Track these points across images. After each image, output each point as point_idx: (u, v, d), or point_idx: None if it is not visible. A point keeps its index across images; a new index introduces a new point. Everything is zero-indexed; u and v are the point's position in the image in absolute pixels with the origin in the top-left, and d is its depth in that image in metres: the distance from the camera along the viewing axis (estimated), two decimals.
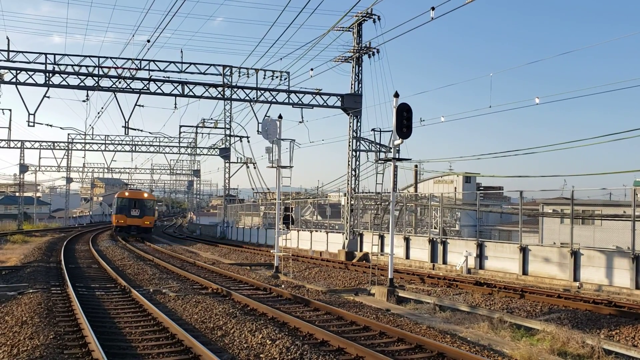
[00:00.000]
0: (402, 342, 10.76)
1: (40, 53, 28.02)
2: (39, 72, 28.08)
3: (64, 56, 28.55)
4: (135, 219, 45.93)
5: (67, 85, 28.42)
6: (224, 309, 13.16)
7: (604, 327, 13.38)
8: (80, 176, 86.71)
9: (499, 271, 24.08)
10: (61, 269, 21.25)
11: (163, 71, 29.64)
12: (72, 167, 76.05)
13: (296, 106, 32.09)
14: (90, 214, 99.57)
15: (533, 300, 16.77)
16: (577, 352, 11.08)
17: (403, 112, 17.57)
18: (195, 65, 30.01)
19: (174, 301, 14.74)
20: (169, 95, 30.13)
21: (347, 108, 33.67)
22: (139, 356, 9.46)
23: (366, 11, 33.63)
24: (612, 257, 20.59)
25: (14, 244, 36.47)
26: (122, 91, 29.44)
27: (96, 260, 25.77)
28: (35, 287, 16.48)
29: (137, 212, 46.24)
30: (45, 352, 9.09)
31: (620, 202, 42.30)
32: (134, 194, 48.47)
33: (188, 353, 9.53)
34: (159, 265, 23.63)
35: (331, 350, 9.95)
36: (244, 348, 9.92)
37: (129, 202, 46.45)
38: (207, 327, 11.63)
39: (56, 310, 13.04)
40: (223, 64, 30.52)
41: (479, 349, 10.58)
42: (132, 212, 46.04)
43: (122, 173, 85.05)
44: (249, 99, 31.41)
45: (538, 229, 44.09)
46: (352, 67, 34.58)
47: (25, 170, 68.61)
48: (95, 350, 9.25)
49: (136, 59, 29.12)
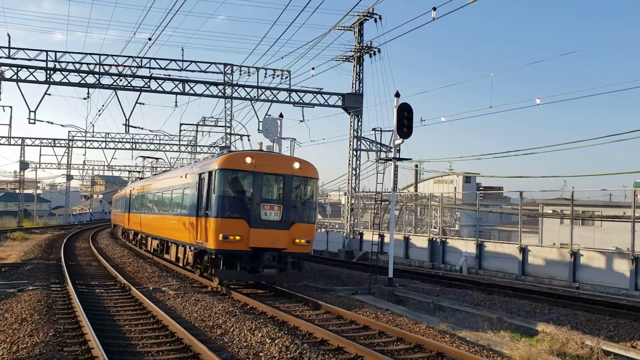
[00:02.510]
0: (401, 342, 10.77)
1: (41, 50, 28.01)
2: (40, 69, 28.07)
3: (65, 53, 28.56)
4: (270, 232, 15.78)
5: (68, 82, 28.42)
6: (224, 308, 13.16)
7: (603, 328, 13.38)
8: (80, 174, 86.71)
9: (499, 271, 24.09)
10: (61, 266, 21.25)
11: (164, 69, 29.63)
12: (73, 165, 76.03)
13: (297, 105, 32.09)
14: (91, 212, 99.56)
15: (532, 300, 16.77)
16: (576, 352, 11.08)
17: (404, 111, 17.59)
18: (196, 63, 30.00)
19: (174, 299, 14.76)
20: (170, 93, 30.13)
21: (348, 107, 33.67)
22: (139, 354, 9.46)
23: (367, 11, 33.64)
24: (611, 258, 20.60)
25: (14, 241, 36.44)
26: (123, 89, 29.44)
27: (96, 258, 25.77)
28: (35, 284, 16.48)
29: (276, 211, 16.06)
30: (44, 349, 9.10)
31: (620, 203, 42.29)
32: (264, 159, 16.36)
33: (187, 351, 9.54)
34: (159, 264, 23.64)
35: (331, 349, 9.96)
36: (243, 347, 9.93)
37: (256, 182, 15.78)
38: (206, 326, 11.64)
39: (56, 307, 13.04)
40: (224, 62, 30.52)
41: (478, 349, 10.59)
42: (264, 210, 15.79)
43: (122, 171, 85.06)
44: (249, 98, 31.40)
45: (538, 230, 44.10)
46: (353, 67, 34.59)
47: (26, 167, 68.58)
48: (94, 347, 9.25)
49: (137, 56, 29.13)
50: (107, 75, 28.98)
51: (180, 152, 60.76)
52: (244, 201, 15.47)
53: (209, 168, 16.20)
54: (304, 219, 16.13)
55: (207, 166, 16.61)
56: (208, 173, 16.04)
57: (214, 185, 15.52)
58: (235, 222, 15.20)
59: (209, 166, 16.39)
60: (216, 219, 15.19)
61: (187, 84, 30.02)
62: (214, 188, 15.50)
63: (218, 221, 15.14)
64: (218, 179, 15.45)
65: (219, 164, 15.61)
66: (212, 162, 16.38)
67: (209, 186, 15.83)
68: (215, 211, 15.25)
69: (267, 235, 15.38)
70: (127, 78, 29.23)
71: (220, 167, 15.53)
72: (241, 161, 15.55)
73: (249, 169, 15.53)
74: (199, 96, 30.62)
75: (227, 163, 15.62)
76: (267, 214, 15.56)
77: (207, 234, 15.55)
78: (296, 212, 15.93)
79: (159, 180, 25.54)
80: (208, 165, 16.60)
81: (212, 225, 15.28)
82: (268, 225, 15.44)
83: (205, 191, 16.11)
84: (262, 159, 15.89)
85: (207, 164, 16.97)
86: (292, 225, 15.76)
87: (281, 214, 15.67)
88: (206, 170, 16.37)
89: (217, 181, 15.46)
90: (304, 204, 16.27)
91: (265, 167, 15.70)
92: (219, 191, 15.42)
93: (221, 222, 15.12)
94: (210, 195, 15.72)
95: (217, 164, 15.67)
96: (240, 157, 15.75)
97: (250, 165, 15.52)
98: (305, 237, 15.97)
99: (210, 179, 15.84)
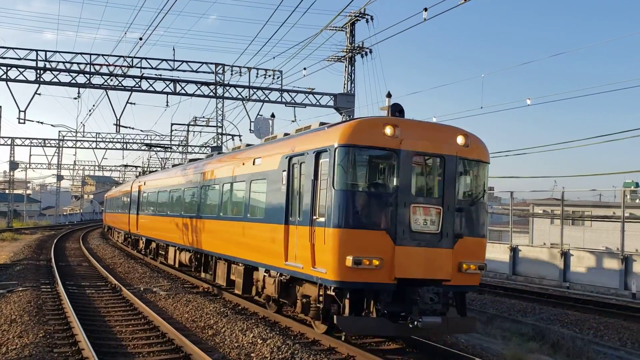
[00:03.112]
0: (393, 341, 10.79)
1: (31, 50, 27.81)
2: (29, 69, 27.87)
3: (55, 53, 28.37)
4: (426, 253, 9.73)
5: (58, 82, 28.23)
6: (215, 308, 13.13)
7: (592, 327, 13.48)
8: (71, 174, 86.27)
9: (489, 271, 24.19)
10: (51, 266, 21.12)
11: (155, 69, 29.48)
12: (63, 165, 75.62)
13: (289, 105, 32.04)
14: (81, 212, 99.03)
15: (523, 300, 16.86)
16: (567, 352, 11.16)
17: (395, 112, 17.60)
18: (188, 63, 29.90)
19: (165, 300, 14.70)
20: (161, 93, 29.96)
21: (339, 108, 33.69)
22: (130, 355, 9.43)
23: (359, 11, 33.67)
24: (601, 258, 20.75)
25: (4, 242, 36.19)
26: (113, 89, 29.29)
27: (87, 259, 25.64)
28: (24, 285, 16.37)
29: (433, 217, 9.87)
30: (34, 350, 9.04)
31: (610, 203, 42.62)
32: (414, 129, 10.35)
33: (179, 352, 9.51)
34: (150, 264, 23.56)
35: (322, 349, 9.96)
36: (234, 347, 9.92)
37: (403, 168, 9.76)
38: (197, 326, 11.61)
39: (46, 308, 12.96)
40: (215, 62, 30.44)
41: (470, 347, 10.64)
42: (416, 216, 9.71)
43: (113, 171, 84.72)
44: (241, 98, 31.34)
45: (528, 230, 44.35)
46: (345, 67, 34.63)
47: (16, 167, 68.10)
48: (85, 348, 9.21)
49: (128, 56, 28.98)
50: (97, 75, 28.81)
51: (171, 152, 60.57)
52: (383, 201, 9.61)
53: (318, 145, 10.28)
54: (475, 230, 10.23)
55: (310, 142, 10.72)
56: (315, 154, 10.18)
57: (332, 174, 9.61)
58: (371, 236, 9.38)
59: (317, 141, 10.40)
60: (339, 231, 9.34)
61: (178, 83, 29.90)
62: (332, 178, 9.58)
63: (342, 234, 9.33)
64: (341, 162, 9.56)
65: (342, 137, 9.65)
66: (323, 135, 10.46)
67: (318, 175, 10.11)
68: (337, 217, 9.40)
69: (422, 257, 9.58)
70: (118, 78, 29.09)
71: (345, 143, 9.57)
72: (378, 132, 9.68)
73: (391, 145, 9.63)
74: (190, 96, 30.51)
75: (356, 135, 9.68)
76: (421, 222, 9.66)
77: (319, 253, 9.75)
78: (463, 219, 10.06)
79: (194, 171, 18.91)
80: (315, 139, 10.62)
81: (331, 240, 9.41)
82: (422, 242, 9.60)
83: (309, 184, 10.27)
84: (410, 129, 10.07)
85: (309, 139, 11.02)
86: (458, 241, 9.85)
87: (441, 223, 9.75)
88: (310, 149, 10.47)
89: (338, 166, 9.56)
90: (473, 204, 10.30)
91: (416, 143, 9.81)
92: (342, 183, 9.50)
93: (348, 236, 9.32)
94: (321, 191, 9.96)
95: (339, 136, 9.71)
96: (375, 125, 9.86)
97: (393, 140, 9.64)
98: (476, 259, 10.05)
99: (321, 163, 10.09)
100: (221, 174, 15.78)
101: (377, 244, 9.34)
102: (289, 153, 11.27)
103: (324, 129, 10.86)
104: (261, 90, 31.40)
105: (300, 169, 10.75)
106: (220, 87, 30.69)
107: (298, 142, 11.32)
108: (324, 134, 10.45)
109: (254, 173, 13.13)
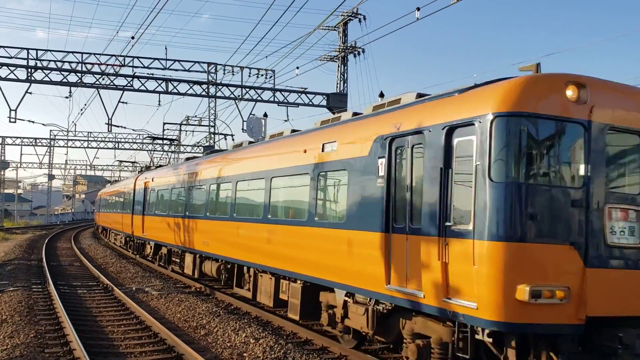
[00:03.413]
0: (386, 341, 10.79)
1: (22, 48, 27.66)
2: (20, 68, 27.71)
3: (47, 52, 28.24)
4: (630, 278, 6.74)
5: (49, 81, 28.10)
6: (207, 308, 13.12)
7: None
8: (62, 173, 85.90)
9: None
10: (42, 266, 21.02)
11: (147, 68, 29.42)
12: (54, 164, 75.24)
13: (281, 105, 32.04)
14: (73, 212, 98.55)
15: None
16: None
17: None
18: (180, 62, 29.85)
19: (157, 299, 14.67)
20: (153, 92, 29.91)
21: (332, 107, 33.69)
22: (122, 355, 9.40)
23: (352, 11, 33.71)
24: None
25: None
26: (105, 88, 29.18)
27: (78, 258, 25.53)
28: (15, 285, 16.28)
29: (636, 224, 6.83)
30: (25, 350, 9.00)
31: None
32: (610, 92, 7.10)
33: (171, 352, 9.49)
34: (142, 264, 23.49)
35: (315, 349, 9.97)
36: (227, 347, 9.91)
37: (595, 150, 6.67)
38: (190, 326, 11.59)
39: (37, 308, 12.90)
40: (208, 62, 30.41)
41: None
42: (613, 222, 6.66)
43: (105, 170, 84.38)
44: (233, 97, 31.31)
45: None
46: (338, 67, 34.65)
47: (6, 166, 67.71)
48: (77, 349, 9.18)
49: (120, 55, 28.90)
50: (89, 74, 28.70)
51: (163, 152, 60.41)
52: (566, 199, 6.58)
53: (451, 116, 7.21)
54: None
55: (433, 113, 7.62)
56: (447, 130, 7.14)
57: (487, 158, 6.55)
58: (551, 254, 6.44)
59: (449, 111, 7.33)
60: (504, 246, 6.37)
61: (170, 83, 29.84)
62: (488, 165, 6.52)
63: (510, 251, 6.38)
64: (504, 139, 6.52)
65: (503, 101, 6.61)
66: (459, 102, 7.36)
67: (451, 162, 7.06)
68: (499, 224, 6.40)
69: (624, 284, 6.66)
70: (110, 77, 28.98)
71: (509, 111, 6.53)
72: (557, 95, 6.68)
73: (577, 115, 6.66)
74: (183, 95, 30.45)
75: (526, 99, 6.57)
76: (618, 232, 6.72)
77: (460, 278, 6.76)
78: None
79: (223, 163, 15.64)
80: (443, 109, 7.52)
81: (487, 259, 6.41)
82: (624, 261, 6.73)
83: (434, 175, 7.21)
84: (604, 92, 7.02)
85: (427, 109, 7.92)
86: None
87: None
88: (434, 123, 7.39)
89: (500, 147, 6.52)
90: None
91: (614, 113, 6.87)
92: (501, 174, 6.48)
93: (520, 254, 6.39)
94: (459, 186, 6.99)
95: (497, 100, 6.67)
96: (553, 84, 6.79)
97: (579, 107, 6.68)
98: None
99: (456, 143, 7.08)
100: (267, 166, 12.42)
101: (560, 266, 6.40)
102: (389, 133, 8.22)
103: (453, 94, 7.65)
104: (254, 89, 31.39)
105: (412, 153, 7.80)
106: (212, 86, 30.65)
107: (405, 117, 8.14)
108: (462, 99, 7.31)
109: (324, 163, 9.97)
